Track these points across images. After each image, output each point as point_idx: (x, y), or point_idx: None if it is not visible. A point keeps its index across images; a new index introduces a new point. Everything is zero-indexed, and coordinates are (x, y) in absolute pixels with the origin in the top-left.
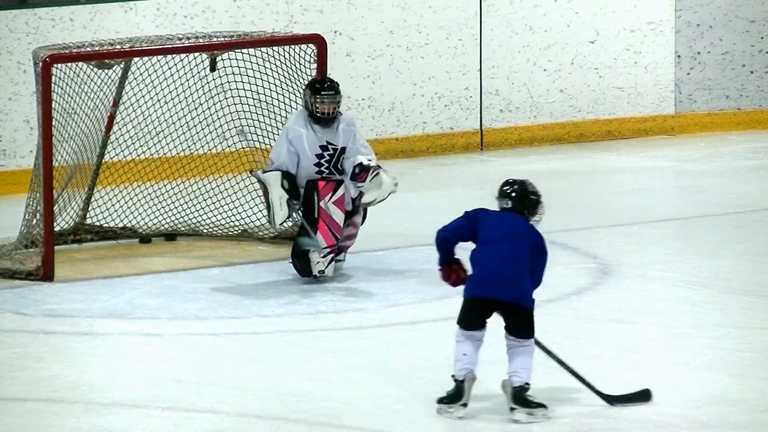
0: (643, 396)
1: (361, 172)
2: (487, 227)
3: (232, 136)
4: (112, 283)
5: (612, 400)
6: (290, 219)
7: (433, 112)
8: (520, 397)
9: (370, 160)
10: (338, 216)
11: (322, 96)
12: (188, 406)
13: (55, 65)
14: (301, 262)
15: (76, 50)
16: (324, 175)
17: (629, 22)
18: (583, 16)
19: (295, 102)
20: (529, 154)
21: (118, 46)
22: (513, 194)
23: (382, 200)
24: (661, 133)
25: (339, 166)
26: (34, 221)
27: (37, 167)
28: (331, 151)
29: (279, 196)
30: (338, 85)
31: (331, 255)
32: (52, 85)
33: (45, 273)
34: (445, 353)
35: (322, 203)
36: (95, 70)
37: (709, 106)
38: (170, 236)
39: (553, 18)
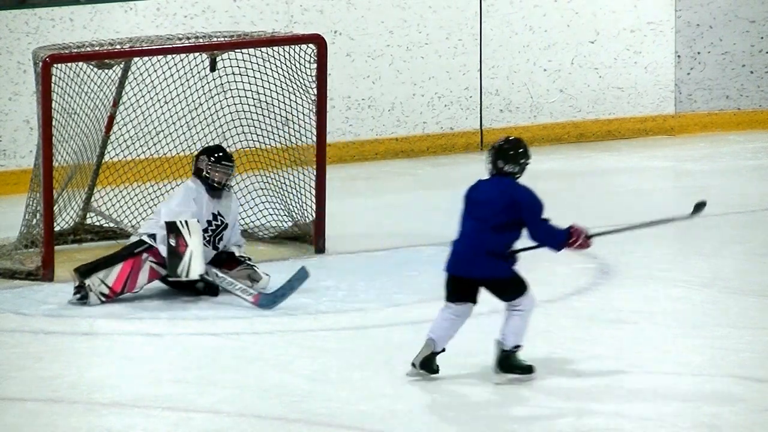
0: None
1: (230, 260)
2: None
3: (231, 136)
4: None
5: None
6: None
7: (433, 112)
8: (505, 363)
9: (242, 256)
10: (142, 276)
11: (222, 165)
12: (188, 406)
13: (55, 65)
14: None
15: (76, 50)
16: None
17: (629, 22)
18: (583, 16)
19: (295, 102)
20: None
21: (118, 46)
22: (523, 162)
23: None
24: (661, 133)
25: (218, 241)
26: (34, 221)
27: (37, 167)
28: (219, 223)
29: (201, 246)
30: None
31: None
32: (52, 85)
33: (45, 273)
34: (445, 353)
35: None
36: (95, 70)
37: (709, 106)
38: None
39: (553, 18)
